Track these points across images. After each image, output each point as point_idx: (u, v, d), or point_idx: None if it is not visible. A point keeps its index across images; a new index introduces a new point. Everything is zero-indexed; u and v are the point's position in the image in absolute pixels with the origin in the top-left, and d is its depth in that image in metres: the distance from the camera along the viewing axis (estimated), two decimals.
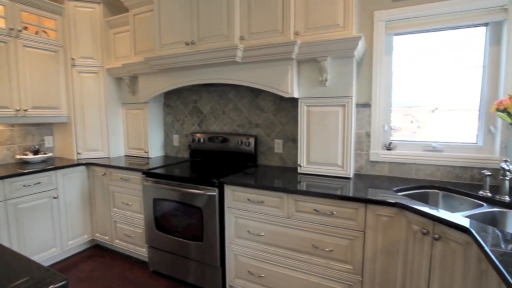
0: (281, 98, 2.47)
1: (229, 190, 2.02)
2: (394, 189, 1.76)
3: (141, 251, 2.58)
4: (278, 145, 2.52)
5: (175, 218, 2.25)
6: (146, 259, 2.56)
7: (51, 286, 0.74)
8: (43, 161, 2.82)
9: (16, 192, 2.31)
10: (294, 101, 2.41)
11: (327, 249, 1.71)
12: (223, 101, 2.77)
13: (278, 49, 1.96)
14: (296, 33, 2.00)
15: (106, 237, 2.82)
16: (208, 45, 2.23)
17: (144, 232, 2.51)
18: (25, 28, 2.67)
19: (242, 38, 2.14)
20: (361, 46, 1.90)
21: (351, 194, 1.64)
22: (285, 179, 2.03)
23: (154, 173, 2.34)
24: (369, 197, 1.58)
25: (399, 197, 1.58)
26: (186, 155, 3.06)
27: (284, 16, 2.00)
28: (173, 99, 3.10)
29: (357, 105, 2.18)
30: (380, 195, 1.61)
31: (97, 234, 2.90)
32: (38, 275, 0.82)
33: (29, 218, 2.40)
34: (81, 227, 2.81)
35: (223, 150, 2.67)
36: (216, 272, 2.11)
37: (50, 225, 2.55)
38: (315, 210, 1.73)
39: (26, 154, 2.80)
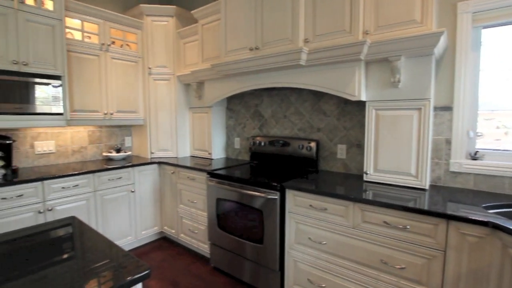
0: (346, 101, 2.36)
1: (290, 195, 2.00)
2: (483, 205, 1.52)
3: (204, 247, 2.72)
4: (341, 151, 2.41)
5: (236, 219, 2.31)
6: (208, 255, 2.69)
7: (137, 275, 0.82)
8: (123, 159, 3.18)
9: (103, 185, 2.65)
10: (360, 105, 2.28)
11: (398, 266, 1.56)
12: (285, 104, 2.76)
13: (346, 50, 1.87)
14: (365, 32, 1.89)
15: (173, 231, 3.05)
16: (272, 50, 2.26)
17: (206, 229, 2.64)
18: (113, 42, 3.07)
19: (306, 41, 2.11)
20: (442, 42, 1.70)
21: (428, 208, 1.47)
22: (349, 186, 1.92)
23: (218, 174, 2.44)
24: (453, 212, 1.39)
25: (491, 215, 1.36)
26: (246, 157, 3.14)
27: (352, 15, 1.91)
28: (235, 103, 3.21)
29: (435, 108, 1.95)
30: (464, 211, 1.41)
31: (165, 227, 3.16)
32: (125, 261, 0.91)
33: (111, 208, 2.73)
34: (152, 220, 3.10)
35: (283, 154, 2.66)
36: (275, 276, 2.10)
37: (127, 215, 2.86)
38: (384, 222, 1.60)
39: (111, 152, 3.19)
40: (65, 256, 0.98)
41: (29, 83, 2.36)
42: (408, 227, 1.52)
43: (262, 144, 2.81)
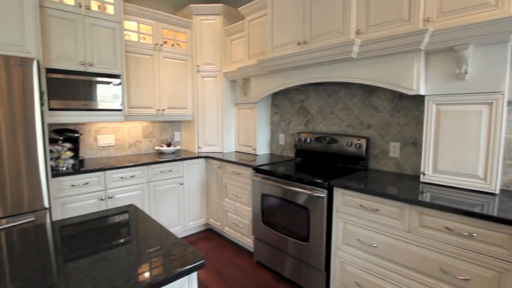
0: (401, 96, 2.20)
1: (338, 194, 1.93)
2: None
3: (247, 241, 2.76)
4: (394, 149, 2.26)
5: (281, 215, 2.30)
6: (251, 249, 2.73)
7: (194, 264, 0.85)
8: (173, 153, 3.36)
9: (155, 176, 2.83)
10: (417, 99, 2.11)
11: (461, 277, 1.42)
12: (332, 100, 2.67)
13: (404, 40, 1.74)
14: (427, 20, 1.73)
15: (218, 223, 3.15)
16: (321, 43, 2.18)
17: (250, 224, 2.68)
18: (165, 42, 3.23)
19: (358, 32, 2.00)
20: None
21: (499, 214, 1.31)
22: (403, 187, 1.79)
23: (263, 169, 2.45)
24: None
25: None
26: (291, 154, 3.10)
27: (412, 2, 1.76)
28: (280, 99, 3.19)
29: (510, 103, 1.72)
30: None
31: (211, 219, 3.27)
32: (181, 249, 0.95)
33: (163, 198, 2.90)
34: (198, 211, 3.23)
35: (330, 151, 2.58)
36: (320, 276, 2.06)
37: (177, 206, 3.02)
38: (446, 228, 1.46)
39: (162, 146, 3.39)
40: (123, 240, 1.06)
41: (93, 82, 2.60)
42: (475, 234, 1.37)
43: (308, 140, 2.75)
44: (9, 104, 1.94)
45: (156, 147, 3.39)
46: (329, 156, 2.60)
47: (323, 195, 1.95)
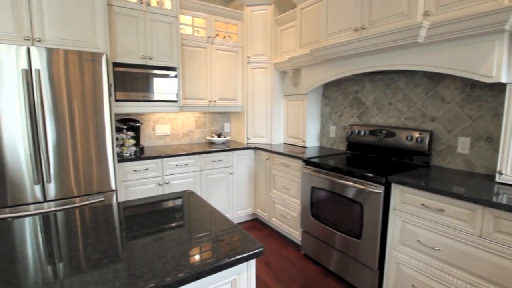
0: (474, 84, 1.95)
1: (397, 190, 1.80)
2: None
3: (295, 233, 2.74)
4: (463, 144, 2.03)
5: (331, 209, 2.24)
6: (298, 242, 2.71)
7: (254, 251, 0.86)
8: (223, 143, 3.46)
9: (207, 165, 2.95)
10: (495, 88, 1.85)
11: None
12: (391, 90, 2.48)
13: (485, 19, 1.52)
14: None
15: (265, 214, 3.18)
16: (381, 28, 2.03)
17: (299, 216, 2.65)
18: (217, 35, 3.30)
19: (426, 14, 1.81)
20: None
21: None
22: (474, 187, 1.60)
23: (314, 162, 2.40)
24: None
25: None
26: (341, 147, 2.98)
27: None
28: (332, 90, 3.06)
29: None
30: None
31: (258, 210, 3.32)
32: (241, 237, 0.97)
33: (213, 187, 3.02)
34: (246, 201, 3.30)
35: (386, 146, 2.41)
36: (372, 275, 1.96)
37: (226, 195, 3.12)
38: None
39: (213, 136, 3.51)
40: (176, 223, 1.11)
41: (152, 74, 2.77)
42: None
43: (362, 133, 2.61)
44: (82, 95, 2.16)
45: (207, 137, 3.52)
46: (385, 150, 2.44)
47: (380, 191, 1.84)
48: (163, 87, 2.84)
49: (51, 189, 2.09)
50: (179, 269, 0.78)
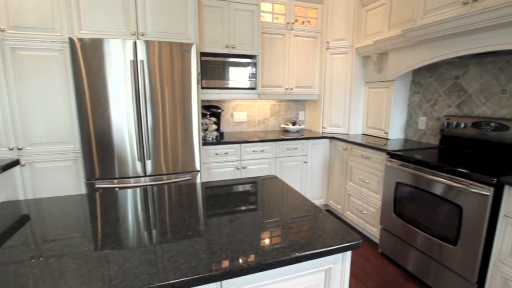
0: None
1: (511, 194, 1.52)
2: None
3: (372, 230, 2.59)
4: None
5: (420, 208, 2.02)
6: (375, 239, 2.55)
7: (351, 243, 0.83)
8: (297, 131, 3.43)
9: (282, 153, 2.97)
10: None
11: None
12: (505, 76, 2.07)
13: None
14: None
15: (339, 206, 3.07)
16: None
17: (378, 212, 2.48)
18: (296, 20, 3.23)
19: None
20: None
21: None
22: None
23: (401, 155, 2.19)
24: None
25: None
26: (432, 140, 2.65)
27: None
28: (424, 76, 2.72)
29: None
30: None
31: (331, 201, 3.22)
32: (337, 227, 0.94)
33: (287, 174, 3.03)
34: (319, 191, 3.23)
35: (494, 140, 2.05)
36: None
37: (299, 184, 3.11)
38: None
39: (287, 124, 3.51)
40: (250, 206, 1.13)
41: (233, 62, 2.87)
42: None
43: (461, 125, 2.27)
44: (171, 83, 2.36)
45: (282, 125, 3.53)
46: (490, 146, 2.07)
47: (488, 193, 1.58)
48: (243, 74, 2.93)
49: (149, 166, 2.39)
50: (279, 251, 0.79)
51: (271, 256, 0.77)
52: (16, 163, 1.34)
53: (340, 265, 0.87)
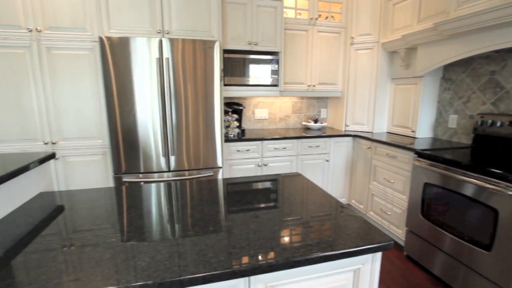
0: None
1: None
2: None
3: (396, 232, 2.50)
4: None
5: (450, 211, 1.93)
6: (400, 241, 2.47)
7: (382, 244, 0.80)
8: (319, 129, 3.37)
9: (303, 150, 2.94)
10: None
11: None
12: None
13: None
14: None
15: (361, 206, 3.00)
16: None
17: (404, 214, 2.40)
18: (319, 16, 3.17)
19: None
20: None
21: None
22: None
23: (431, 154, 2.10)
24: None
25: None
26: (464, 140, 2.52)
27: None
28: (456, 72, 2.58)
29: None
30: None
31: (353, 201, 3.15)
32: (366, 227, 0.92)
33: (309, 172, 3.00)
34: (341, 190, 3.17)
35: None
36: None
37: (321, 182, 3.07)
38: None
39: (309, 122, 3.46)
40: (275, 203, 1.12)
41: (256, 59, 2.87)
42: None
43: (497, 124, 2.14)
44: (194, 80, 2.39)
45: (303, 123, 3.49)
46: None
47: None
48: (265, 71, 2.92)
49: (172, 161, 2.44)
50: (307, 248, 0.78)
51: (299, 253, 0.76)
52: (52, 156, 1.41)
53: (369, 266, 0.85)
